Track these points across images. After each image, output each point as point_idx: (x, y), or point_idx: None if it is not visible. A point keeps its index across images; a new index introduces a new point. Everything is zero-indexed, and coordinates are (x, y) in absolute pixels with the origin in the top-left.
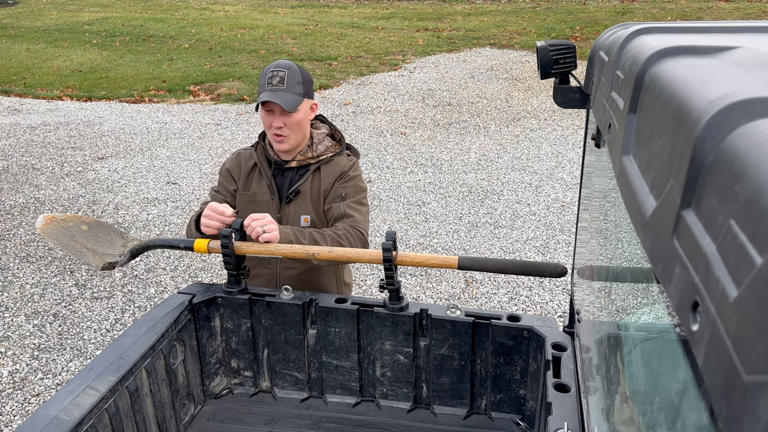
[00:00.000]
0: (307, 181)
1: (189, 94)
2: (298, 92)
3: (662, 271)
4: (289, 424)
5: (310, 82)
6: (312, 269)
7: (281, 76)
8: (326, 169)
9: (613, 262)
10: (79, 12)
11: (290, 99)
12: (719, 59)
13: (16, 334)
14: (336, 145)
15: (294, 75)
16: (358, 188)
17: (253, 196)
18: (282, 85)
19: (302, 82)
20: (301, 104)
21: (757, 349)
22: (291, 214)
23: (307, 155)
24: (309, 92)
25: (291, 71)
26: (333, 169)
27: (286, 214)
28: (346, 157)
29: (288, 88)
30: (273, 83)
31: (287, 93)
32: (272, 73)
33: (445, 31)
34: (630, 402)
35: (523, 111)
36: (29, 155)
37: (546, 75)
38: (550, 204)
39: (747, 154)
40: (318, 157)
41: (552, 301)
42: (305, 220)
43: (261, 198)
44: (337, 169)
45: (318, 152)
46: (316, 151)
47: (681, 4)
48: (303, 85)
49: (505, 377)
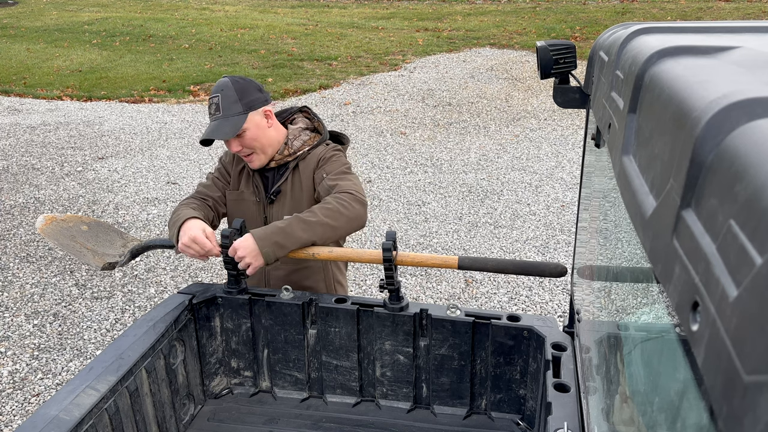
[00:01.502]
0: (288, 181)
1: (189, 94)
2: (236, 112)
3: (662, 271)
4: (289, 424)
5: (251, 91)
6: (300, 269)
7: (216, 103)
8: (304, 164)
9: (613, 262)
10: (79, 12)
11: (228, 126)
12: (719, 59)
13: (16, 334)
14: (314, 137)
15: (228, 95)
16: (340, 163)
17: (241, 196)
18: (219, 112)
19: (239, 99)
20: (246, 122)
21: (757, 349)
22: (275, 214)
23: (284, 154)
24: (252, 103)
25: (224, 93)
26: (310, 162)
27: (270, 215)
28: (324, 146)
29: (225, 113)
30: (211, 112)
31: (225, 120)
32: (210, 101)
33: (445, 31)
34: (630, 402)
35: (523, 111)
36: (29, 155)
37: (546, 75)
38: (550, 204)
39: (747, 154)
40: (294, 154)
41: (552, 301)
42: None
43: (248, 198)
44: (314, 159)
45: (294, 148)
46: (292, 148)
47: (681, 4)
48: (241, 102)
49: (505, 377)
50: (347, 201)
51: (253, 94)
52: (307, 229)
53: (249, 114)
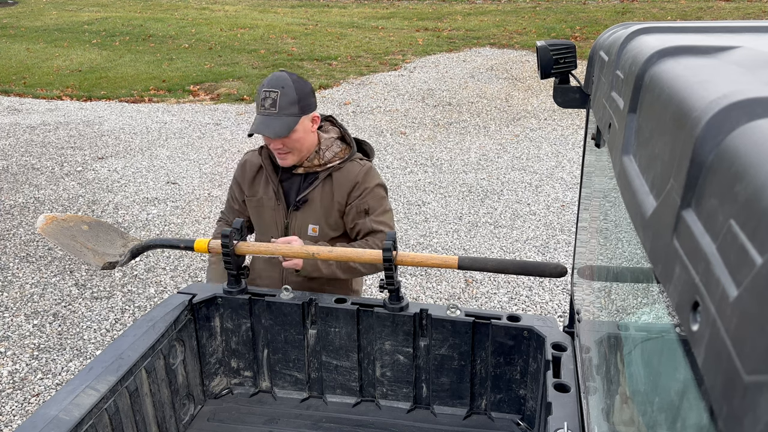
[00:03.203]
0: (317, 190)
1: (189, 94)
2: (292, 113)
3: (662, 271)
4: (289, 424)
5: (308, 94)
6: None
7: (273, 98)
8: (338, 177)
9: (613, 262)
10: (79, 12)
11: (282, 126)
12: (719, 59)
13: (16, 334)
14: (345, 150)
15: (287, 94)
16: (378, 197)
17: (260, 202)
18: (274, 108)
19: (297, 101)
20: (297, 124)
21: (757, 349)
22: (299, 221)
23: (314, 162)
24: (307, 107)
25: (284, 90)
26: (345, 179)
27: (293, 221)
28: (358, 163)
29: (281, 111)
30: (265, 106)
31: (279, 118)
32: (265, 93)
33: (445, 30)
34: (630, 402)
35: (523, 111)
36: (29, 155)
37: (546, 75)
38: (550, 204)
39: (747, 154)
40: (325, 165)
41: (552, 301)
42: (313, 230)
43: (267, 204)
44: (350, 178)
45: (325, 159)
46: (324, 158)
47: (681, 4)
48: (298, 104)
49: (505, 377)
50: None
51: (310, 97)
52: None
53: (302, 117)
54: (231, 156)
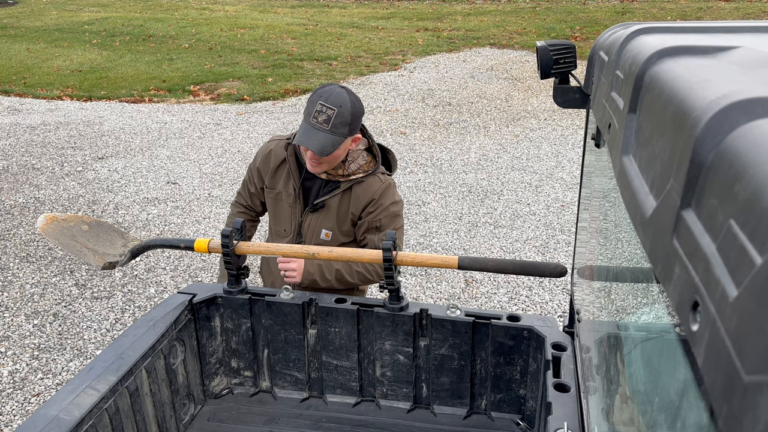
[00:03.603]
0: (336, 198)
1: (189, 94)
2: (341, 133)
3: (662, 271)
4: (289, 424)
5: (359, 117)
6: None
7: (329, 115)
8: (358, 189)
9: (613, 262)
10: (79, 12)
11: (328, 144)
12: (719, 59)
13: (16, 334)
14: (371, 163)
15: (342, 115)
16: (392, 215)
17: (279, 196)
18: (326, 125)
19: (349, 123)
20: (342, 144)
21: (757, 349)
22: (312, 223)
23: (338, 171)
24: (354, 129)
25: (340, 111)
26: (365, 193)
27: (307, 222)
28: (380, 179)
29: (331, 129)
30: (318, 120)
31: (328, 135)
32: (321, 107)
33: (445, 31)
34: (630, 402)
35: (523, 111)
36: (29, 155)
37: (546, 75)
38: (550, 204)
39: (747, 154)
40: (348, 177)
41: (552, 301)
42: (326, 235)
43: (285, 200)
44: (369, 193)
45: (350, 171)
46: (348, 170)
47: (681, 4)
48: (349, 126)
49: (505, 377)
50: (378, 273)
51: (359, 120)
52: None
53: (347, 138)
54: (231, 156)
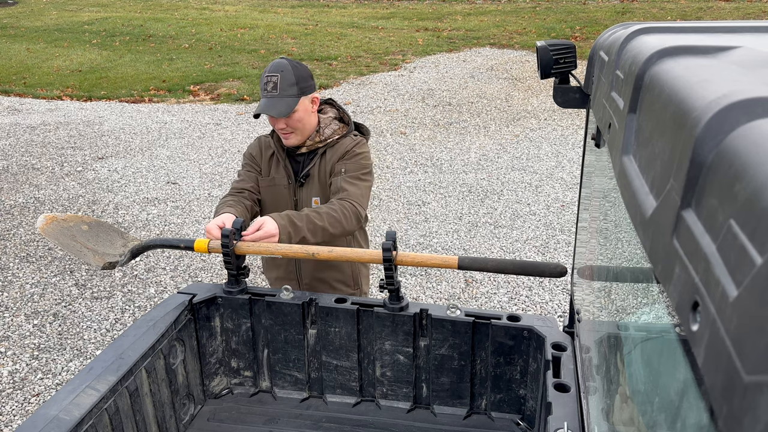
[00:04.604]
0: (315, 165)
1: (189, 94)
2: (292, 94)
3: (662, 271)
4: (289, 424)
5: (306, 77)
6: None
7: (274, 82)
8: (331, 151)
9: (613, 262)
10: (79, 12)
11: (283, 105)
12: (719, 59)
13: (16, 334)
14: (343, 128)
15: (287, 77)
16: (359, 165)
17: (273, 182)
18: (275, 91)
19: (296, 83)
20: (298, 104)
21: (757, 349)
22: (304, 196)
23: (315, 140)
24: (306, 89)
25: (284, 74)
26: (337, 151)
27: (300, 197)
28: (352, 138)
29: (282, 93)
30: (267, 89)
31: (281, 99)
32: (267, 78)
33: (445, 31)
34: (630, 402)
35: (523, 111)
36: (29, 155)
37: (546, 75)
38: (550, 204)
39: (747, 154)
40: (325, 141)
41: (552, 301)
42: (315, 202)
43: (280, 183)
44: (341, 149)
45: (325, 136)
46: (323, 135)
47: (681, 4)
48: (297, 85)
49: (505, 377)
50: (349, 213)
51: (308, 80)
52: (313, 231)
53: (301, 98)
54: (231, 156)
